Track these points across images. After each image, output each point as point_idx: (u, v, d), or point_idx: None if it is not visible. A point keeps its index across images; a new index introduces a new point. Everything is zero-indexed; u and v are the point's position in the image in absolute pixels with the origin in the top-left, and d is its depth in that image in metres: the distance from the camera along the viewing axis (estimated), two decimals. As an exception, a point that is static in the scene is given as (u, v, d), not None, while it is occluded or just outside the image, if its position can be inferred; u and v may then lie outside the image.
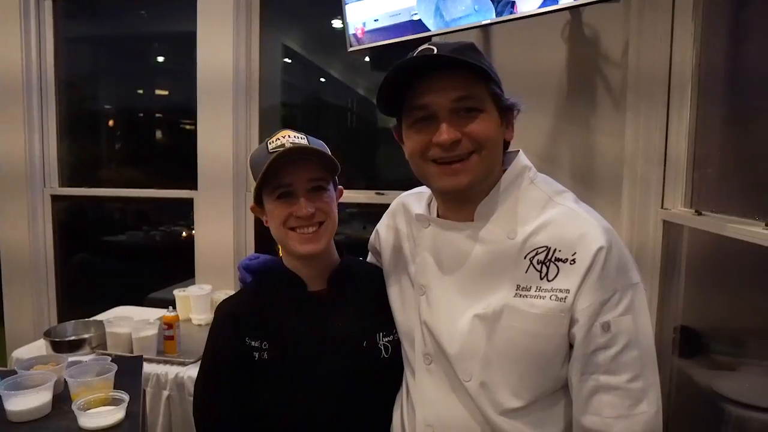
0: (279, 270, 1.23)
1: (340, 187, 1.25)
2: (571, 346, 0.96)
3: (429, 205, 1.18)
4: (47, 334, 2.22)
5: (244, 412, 1.15)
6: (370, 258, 1.38)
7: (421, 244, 1.13)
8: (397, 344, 1.18)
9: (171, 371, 2.07)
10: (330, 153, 1.19)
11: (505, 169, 1.07)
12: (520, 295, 0.98)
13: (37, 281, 2.96)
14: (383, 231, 1.30)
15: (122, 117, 4.04)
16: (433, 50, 0.99)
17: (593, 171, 2.16)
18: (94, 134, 3.87)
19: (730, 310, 1.82)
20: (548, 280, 0.96)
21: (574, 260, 0.95)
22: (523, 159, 1.10)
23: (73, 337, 2.26)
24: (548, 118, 2.20)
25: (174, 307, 2.47)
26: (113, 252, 3.87)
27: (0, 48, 2.86)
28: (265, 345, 1.14)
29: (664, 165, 1.96)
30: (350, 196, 2.72)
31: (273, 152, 1.12)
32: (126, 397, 1.36)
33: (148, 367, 2.07)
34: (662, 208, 1.97)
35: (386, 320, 1.19)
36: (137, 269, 3.80)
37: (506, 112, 1.05)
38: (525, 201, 1.04)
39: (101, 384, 1.41)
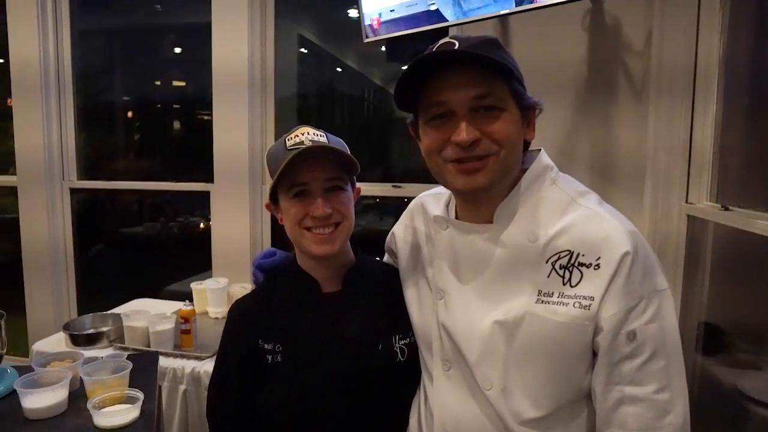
0: (292, 270, 1.22)
1: (358, 186, 1.23)
2: (594, 354, 0.93)
3: (447, 206, 1.15)
4: (66, 328, 2.25)
5: (256, 414, 1.15)
6: (386, 259, 1.36)
7: (439, 246, 1.10)
8: (413, 347, 1.16)
9: (188, 365, 2.08)
10: (349, 152, 1.16)
11: (526, 169, 1.04)
12: (542, 301, 0.94)
13: (57, 274, 2.99)
14: (400, 231, 1.27)
15: (139, 109, 4.04)
16: (454, 44, 0.95)
17: (613, 165, 2.11)
18: (111, 126, 3.88)
19: (755, 307, 1.77)
20: (571, 286, 0.93)
21: (598, 265, 0.91)
22: (544, 158, 1.06)
23: (91, 331, 2.28)
24: (567, 110, 2.15)
25: (191, 300, 2.49)
26: (130, 244, 3.89)
27: (18, 42, 2.87)
28: (278, 347, 1.13)
29: (689, 159, 1.91)
30: (366, 189, 2.70)
31: (291, 149, 1.10)
32: (140, 395, 1.36)
33: (164, 362, 2.07)
34: (686, 202, 1.92)
35: (403, 322, 1.17)
36: (155, 261, 3.82)
37: (528, 112, 1.01)
38: (546, 202, 1.00)
39: (116, 382, 1.41)
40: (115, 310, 2.53)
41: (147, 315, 2.22)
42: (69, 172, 2.97)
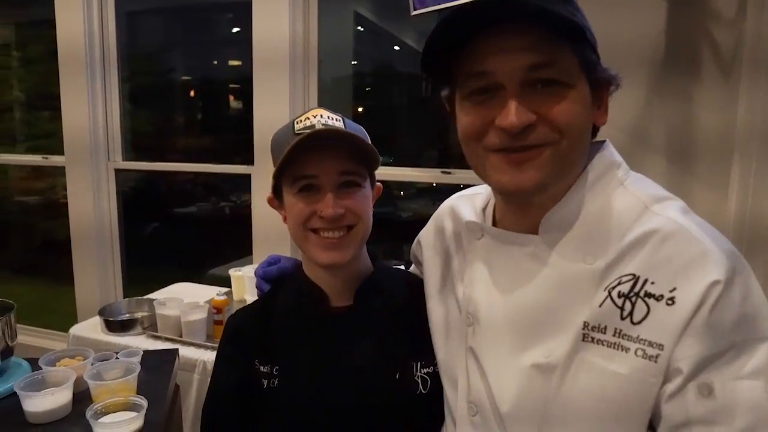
0: (297, 280, 1.05)
1: (378, 184, 1.04)
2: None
3: (484, 210, 0.93)
4: (101, 313, 2.21)
5: None
6: (413, 269, 1.16)
7: (472, 260, 0.89)
8: (437, 378, 0.96)
9: (218, 358, 1.99)
10: (370, 142, 0.97)
11: (585, 167, 0.80)
12: (592, 339, 0.71)
13: (102, 254, 2.99)
14: (427, 239, 1.06)
15: (194, 89, 4.03)
16: None
17: (694, 152, 1.82)
18: (166, 107, 3.88)
19: None
20: (633, 323, 0.69)
21: (672, 300, 0.67)
22: (611, 153, 0.82)
23: (126, 317, 2.24)
24: (641, 89, 1.86)
25: (230, 287, 2.41)
26: (183, 223, 3.90)
27: (64, 21, 2.83)
28: (276, 370, 0.97)
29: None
30: (413, 174, 2.52)
31: (299, 133, 0.92)
32: (144, 403, 1.25)
33: (195, 353, 2.00)
34: (782, 199, 1.62)
35: (426, 347, 0.97)
36: (203, 242, 3.80)
37: (600, 88, 0.78)
38: (611, 210, 0.76)
39: (122, 386, 1.31)
40: (155, 295, 2.48)
41: (180, 303, 2.14)
42: (114, 153, 2.94)
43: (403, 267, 1.20)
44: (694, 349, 0.65)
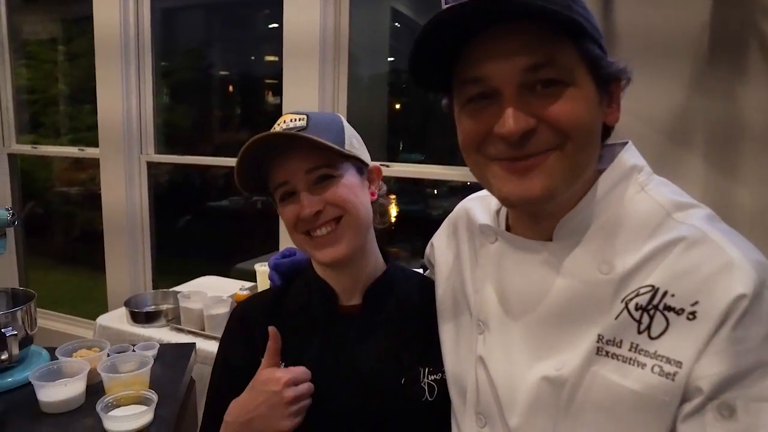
0: (308, 276, 1.03)
1: (374, 165, 1.00)
2: None
3: (498, 212, 0.88)
4: (127, 304, 2.23)
5: None
6: (429, 273, 1.11)
7: (485, 264, 0.84)
8: (445, 385, 0.91)
9: (238, 353, 1.98)
10: (343, 129, 0.95)
11: (603, 169, 0.75)
12: (606, 353, 0.67)
13: (133, 246, 3.03)
14: (440, 242, 1.01)
15: (232, 84, 4.07)
16: None
17: (738, 154, 1.71)
18: (195, 101, 3.93)
19: None
20: (650, 338, 0.64)
21: (693, 314, 0.62)
22: (632, 155, 0.76)
23: (151, 309, 2.26)
24: (680, 86, 1.76)
25: (255, 281, 2.41)
26: (215, 216, 3.94)
27: (100, 15, 2.88)
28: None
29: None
30: (445, 172, 2.46)
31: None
32: (155, 397, 1.25)
33: (216, 347, 1.99)
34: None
35: (435, 353, 0.92)
36: (234, 235, 3.83)
37: (607, 84, 0.72)
38: (630, 217, 0.71)
39: (134, 379, 1.31)
40: (181, 287, 2.50)
41: (203, 297, 2.15)
42: (147, 145, 2.98)
43: (421, 270, 1.16)
44: (715, 367, 0.60)
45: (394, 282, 1.01)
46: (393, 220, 1.08)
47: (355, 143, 0.98)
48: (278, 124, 0.93)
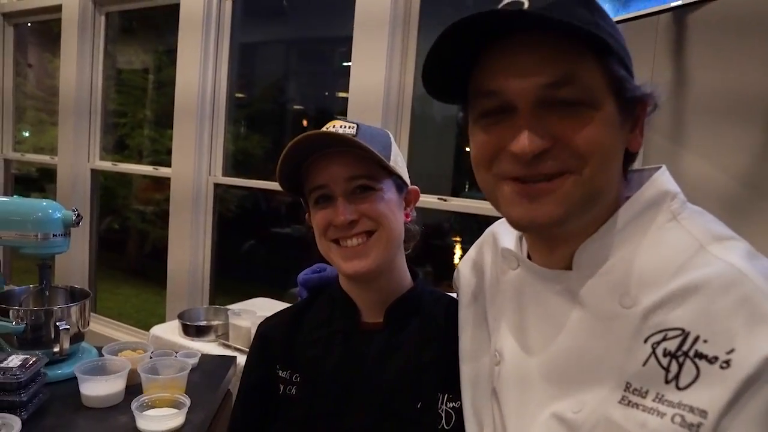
0: (333, 291, 1.02)
1: (413, 188, 0.99)
2: None
3: (521, 237, 0.83)
4: (180, 316, 2.30)
5: None
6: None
7: (505, 291, 0.80)
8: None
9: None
10: (390, 144, 0.94)
11: (629, 196, 0.70)
12: (629, 402, 0.61)
13: (195, 263, 3.15)
14: (466, 268, 0.97)
15: (295, 116, 4.25)
16: (522, 4, 0.62)
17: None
18: (270, 131, 4.10)
19: None
20: (678, 388, 0.58)
21: (728, 363, 0.55)
22: (664, 181, 0.70)
23: (203, 323, 2.31)
24: (760, 133, 1.67)
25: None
26: (277, 242, 4.04)
27: (183, 67, 3.12)
28: (296, 378, 0.94)
29: None
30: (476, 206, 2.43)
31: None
32: (187, 402, 1.26)
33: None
34: None
35: (455, 379, 0.89)
36: (292, 261, 3.90)
37: (632, 107, 0.67)
38: (658, 247, 0.65)
39: (171, 382, 1.33)
40: (235, 306, 2.55)
41: (252, 315, 2.18)
42: (215, 168, 3.12)
43: (455, 295, 1.13)
44: (748, 425, 0.54)
45: (419, 302, 0.99)
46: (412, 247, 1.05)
47: (399, 161, 0.97)
48: (326, 128, 0.93)
